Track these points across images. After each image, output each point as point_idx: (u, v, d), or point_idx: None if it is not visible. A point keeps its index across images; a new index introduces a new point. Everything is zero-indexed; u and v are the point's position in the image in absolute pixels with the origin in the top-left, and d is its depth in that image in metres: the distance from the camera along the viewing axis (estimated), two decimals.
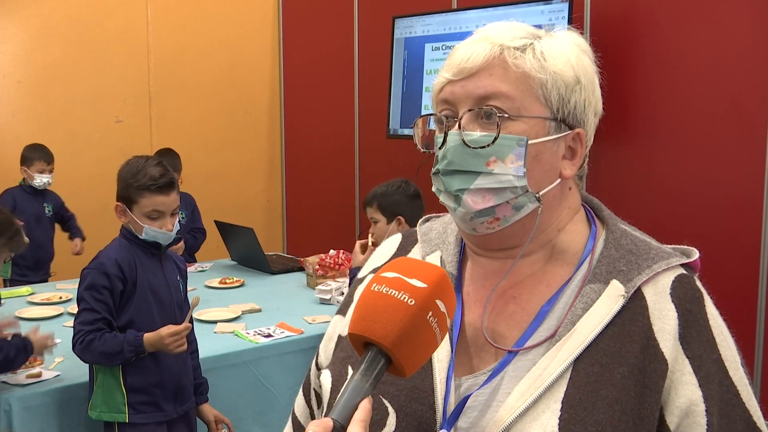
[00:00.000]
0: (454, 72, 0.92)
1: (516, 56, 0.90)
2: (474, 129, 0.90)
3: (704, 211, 3.19)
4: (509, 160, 0.90)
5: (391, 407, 0.90)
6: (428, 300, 0.77)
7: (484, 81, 0.90)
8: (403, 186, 3.02)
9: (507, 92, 0.90)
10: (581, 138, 0.94)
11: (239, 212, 5.39)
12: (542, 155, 0.92)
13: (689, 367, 0.87)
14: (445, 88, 0.93)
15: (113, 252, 2.34)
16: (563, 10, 3.42)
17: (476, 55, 0.90)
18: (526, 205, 0.92)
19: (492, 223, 0.92)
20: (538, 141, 0.91)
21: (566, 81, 0.91)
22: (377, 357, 0.77)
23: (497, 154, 0.89)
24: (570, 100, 0.92)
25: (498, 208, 0.91)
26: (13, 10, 4.67)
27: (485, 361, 0.92)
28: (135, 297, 2.32)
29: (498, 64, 0.90)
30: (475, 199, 0.90)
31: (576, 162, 0.95)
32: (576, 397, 0.85)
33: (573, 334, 0.88)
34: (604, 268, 0.92)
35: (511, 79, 0.90)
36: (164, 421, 2.36)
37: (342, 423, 0.73)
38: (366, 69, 4.89)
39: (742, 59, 3.06)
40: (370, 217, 3.01)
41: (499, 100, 0.90)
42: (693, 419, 0.86)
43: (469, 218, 0.92)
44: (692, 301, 0.91)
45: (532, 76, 0.90)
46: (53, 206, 4.36)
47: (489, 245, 0.96)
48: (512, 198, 0.90)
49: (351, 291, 1.11)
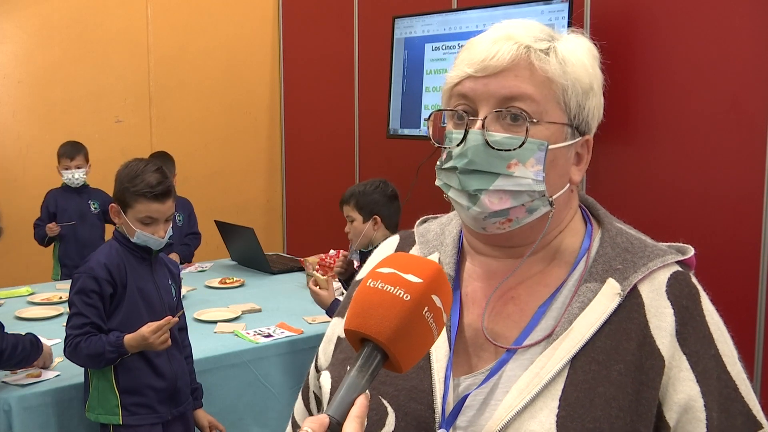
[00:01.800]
0: (477, 68, 0.90)
1: (541, 59, 0.90)
2: (496, 130, 0.90)
3: (704, 211, 3.19)
4: (530, 164, 0.89)
5: (390, 407, 0.91)
6: (424, 295, 0.77)
7: (510, 81, 0.89)
8: (381, 186, 3.04)
9: (533, 95, 0.89)
10: (588, 145, 0.95)
11: (239, 212, 5.39)
12: (558, 161, 0.92)
13: (686, 363, 0.87)
14: (465, 82, 0.91)
15: (103, 256, 2.34)
16: (563, 10, 3.41)
17: (502, 53, 0.89)
18: (539, 208, 0.92)
19: (504, 224, 0.92)
20: (556, 146, 0.91)
21: (583, 87, 0.92)
22: (373, 353, 0.77)
23: (519, 157, 0.89)
24: (585, 107, 0.93)
25: (512, 210, 0.91)
26: (13, 10, 4.67)
27: (484, 361, 0.92)
28: (125, 301, 2.33)
29: (524, 66, 0.89)
30: (492, 200, 0.90)
31: (582, 168, 0.96)
32: (573, 395, 0.85)
33: (570, 332, 0.88)
34: (600, 266, 0.93)
35: (536, 81, 0.89)
36: (159, 422, 2.36)
37: (338, 419, 0.72)
38: (366, 69, 4.89)
39: (742, 59, 3.06)
40: (347, 215, 3.04)
41: (525, 103, 0.89)
42: (692, 414, 0.86)
43: (483, 218, 0.91)
44: (688, 297, 0.91)
45: (555, 81, 0.90)
46: (99, 203, 4.32)
47: (495, 242, 0.97)
48: (528, 201, 0.91)
49: (350, 293, 1.10)
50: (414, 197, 4.17)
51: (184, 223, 4.35)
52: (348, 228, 3.03)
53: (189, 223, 4.42)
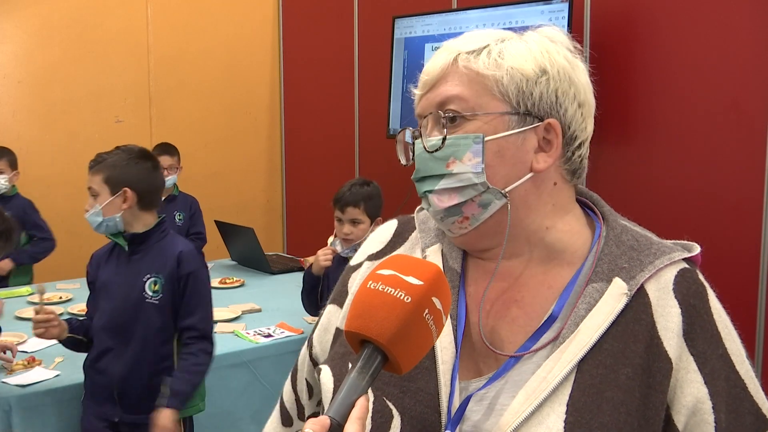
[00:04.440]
0: (420, 86, 0.97)
1: (468, 59, 0.93)
2: (435, 135, 0.94)
3: (704, 212, 3.19)
4: (466, 159, 0.91)
5: (395, 410, 0.90)
6: (424, 297, 0.77)
7: (440, 89, 0.94)
8: (377, 187, 3.00)
9: (459, 94, 0.92)
10: (555, 128, 0.92)
11: (239, 212, 5.39)
12: (506, 150, 0.92)
13: (694, 364, 0.87)
14: (419, 103, 0.98)
15: (102, 248, 2.53)
16: (563, 10, 3.41)
17: (434, 66, 0.95)
18: (493, 202, 0.92)
19: (462, 223, 0.94)
20: (497, 136, 0.91)
21: (526, 74, 0.91)
22: (373, 354, 0.77)
23: (455, 155, 0.92)
24: (533, 92, 0.92)
25: (464, 206, 0.93)
26: (13, 10, 4.66)
27: (489, 365, 0.91)
28: (94, 292, 2.49)
29: (453, 71, 0.93)
30: (441, 198, 0.94)
31: (552, 154, 0.93)
32: (581, 400, 0.84)
33: (577, 335, 0.87)
34: (606, 266, 0.91)
35: (464, 81, 0.92)
36: (107, 421, 2.36)
37: (339, 421, 0.73)
38: (366, 69, 4.89)
39: (742, 59, 3.06)
40: (353, 218, 2.91)
41: (454, 103, 0.92)
42: (700, 417, 0.86)
43: (440, 217, 0.95)
44: (695, 296, 0.90)
45: (484, 75, 0.92)
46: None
47: (470, 246, 0.98)
48: (476, 195, 0.92)
49: (344, 279, 1.09)
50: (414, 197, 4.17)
51: (184, 221, 4.33)
52: (349, 230, 2.92)
53: (192, 222, 4.38)
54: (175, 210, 4.28)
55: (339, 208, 2.94)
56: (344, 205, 2.93)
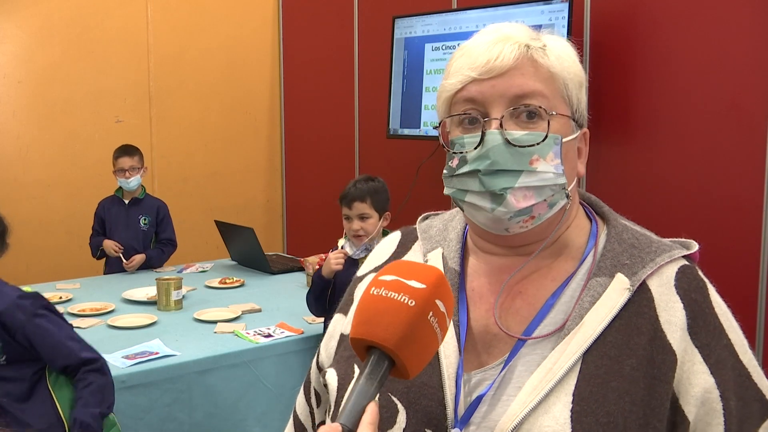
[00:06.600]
0: (482, 71, 0.90)
1: (542, 55, 0.91)
2: (512, 128, 0.90)
3: (704, 211, 3.19)
4: (550, 158, 0.90)
5: (400, 404, 0.91)
6: (428, 300, 0.78)
7: (517, 80, 0.90)
8: (382, 182, 2.99)
9: (542, 91, 0.90)
10: (586, 138, 0.98)
11: (239, 212, 5.39)
12: (569, 153, 0.94)
13: (699, 356, 0.88)
14: (469, 87, 0.91)
15: None
16: (563, 10, 3.41)
17: (505, 53, 0.90)
18: (558, 202, 0.93)
19: (527, 222, 0.92)
20: (567, 139, 0.93)
21: (579, 81, 0.94)
22: (381, 360, 0.77)
23: (540, 152, 0.90)
24: (581, 100, 0.95)
25: (536, 206, 0.91)
26: (13, 10, 4.66)
27: (493, 356, 0.93)
28: None
29: (528, 64, 0.91)
30: (517, 198, 0.89)
31: (583, 161, 0.98)
32: (587, 390, 0.86)
33: (581, 327, 0.89)
34: (609, 261, 0.93)
35: (542, 77, 0.91)
36: None
37: (351, 427, 0.73)
38: (366, 69, 4.89)
39: (742, 59, 3.06)
40: (361, 213, 2.90)
41: (537, 99, 0.90)
42: (709, 406, 0.87)
43: (508, 218, 0.90)
44: (697, 291, 0.92)
45: (557, 76, 0.92)
46: None
47: (508, 243, 0.96)
48: (550, 195, 0.91)
49: (350, 289, 1.11)
50: (414, 197, 4.17)
51: (149, 226, 4.22)
52: (359, 225, 2.89)
53: (159, 227, 4.26)
54: (140, 214, 4.19)
55: (346, 205, 2.92)
56: (351, 200, 2.91)
